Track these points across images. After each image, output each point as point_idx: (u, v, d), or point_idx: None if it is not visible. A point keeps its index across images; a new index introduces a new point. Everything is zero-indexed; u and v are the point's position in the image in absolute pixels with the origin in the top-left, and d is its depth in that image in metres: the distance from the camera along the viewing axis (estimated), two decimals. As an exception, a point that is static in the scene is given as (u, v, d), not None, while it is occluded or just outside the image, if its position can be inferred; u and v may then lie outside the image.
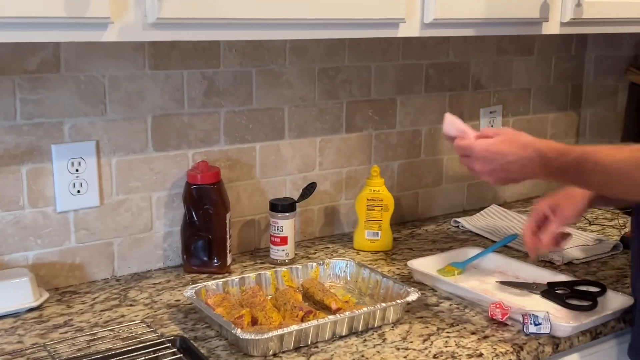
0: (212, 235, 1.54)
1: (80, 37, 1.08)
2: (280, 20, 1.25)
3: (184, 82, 1.55)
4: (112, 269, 1.53)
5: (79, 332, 1.26)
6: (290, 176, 1.74)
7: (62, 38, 1.08)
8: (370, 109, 1.84)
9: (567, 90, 2.25)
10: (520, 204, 2.19)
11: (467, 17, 1.49)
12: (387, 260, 1.66)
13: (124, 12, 1.10)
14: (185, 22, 1.16)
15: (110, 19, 1.08)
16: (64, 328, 1.27)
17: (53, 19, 1.03)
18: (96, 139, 1.46)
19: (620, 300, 1.41)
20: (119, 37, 1.11)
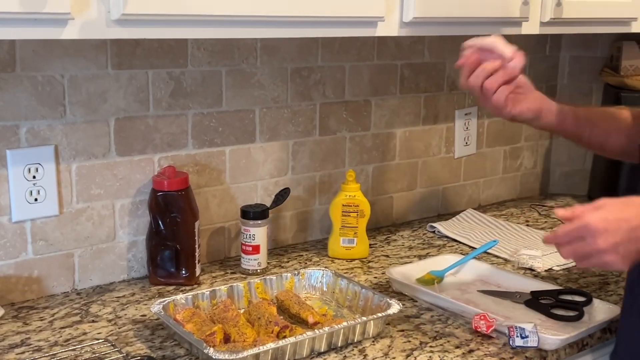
0: (180, 245, 1.49)
1: (38, 34, 1.03)
2: (251, 17, 1.21)
3: (149, 83, 1.49)
4: (72, 282, 1.46)
5: (37, 352, 1.19)
6: (262, 181, 1.70)
7: (18, 35, 1.04)
8: (345, 111, 1.82)
9: (542, 91, 2.19)
10: (495, 207, 2.20)
11: (447, 15, 1.48)
12: (363, 269, 1.64)
13: (86, 8, 1.05)
14: (152, 19, 1.11)
15: (71, 15, 1.02)
16: (20, 348, 1.21)
17: (8, 14, 0.97)
18: (55, 143, 1.39)
19: (606, 309, 1.41)
20: (80, 34, 1.05)
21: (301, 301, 1.35)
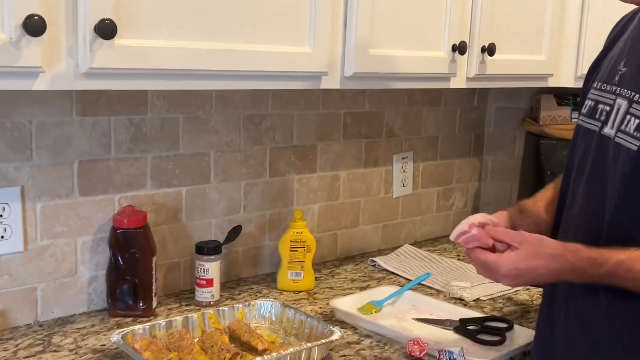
0: (138, 279, 1.49)
1: (11, 85, 1.05)
2: (207, 71, 1.24)
3: (111, 128, 1.50)
4: (35, 315, 1.45)
5: (1, 381, 1.18)
6: (216, 219, 1.71)
7: (-10, 86, 1.03)
8: (293, 155, 1.84)
9: (470, 138, 2.31)
10: (430, 243, 2.22)
11: (383, 71, 1.52)
12: (309, 300, 1.65)
13: (56, 62, 1.08)
14: (116, 72, 1.14)
15: (42, 68, 1.05)
16: (-15, 378, 1.20)
17: None
18: (21, 184, 1.40)
19: (526, 334, 1.45)
20: (50, 85, 1.08)
21: (251, 330, 1.36)
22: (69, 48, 1.07)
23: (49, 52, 1.04)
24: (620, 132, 1.13)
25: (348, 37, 1.43)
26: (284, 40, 1.32)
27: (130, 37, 1.11)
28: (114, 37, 1.08)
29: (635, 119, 1.10)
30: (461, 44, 1.62)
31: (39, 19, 0.99)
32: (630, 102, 1.12)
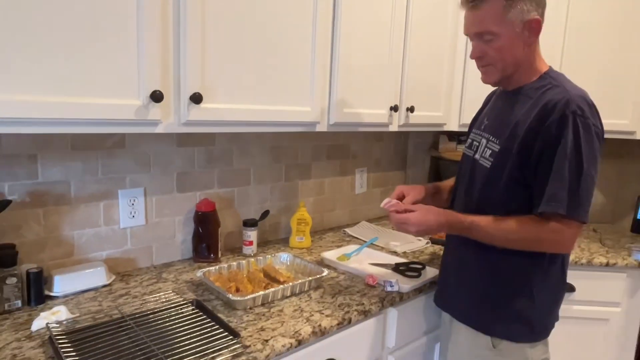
0: (210, 241, 1.53)
1: (143, 130, 1.09)
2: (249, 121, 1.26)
3: (194, 153, 1.54)
4: (151, 261, 1.49)
5: (134, 298, 1.23)
6: (254, 206, 1.74)
7: (132, 131, 1.07)
8: (298, 169, 1.87)
9: (399, 159, 2.35)
10: (376, 220, 2.22)
11: (352, 121, 1.55)
12: (308, 253, 1.68)
13: (168, 117, 1.12)
14: (202, 122, 1.17)
15: (161, 121, 1.09)
16: (125, 296, 1.25)
17: (128, 120, 1.05)
18: (144, 186, 1.44)
19: (433, 272, 1.48)
20: (164, 130, 1.12)
21: (276, 270, 1.40)
22: (175, 109, 1.12)
23: (164, 111, 1.09)
24: (481, 157, 1.18)
25: (331, 101, 1.47)
26: (295, 103, 1.36)
27: (210, 102, 1.16)
28: (201, 102, 1.13)
29: (489, 150, 1.15)
30: (395, 106, 1.67)
31: (159, 93, 1.05)
32: (488, 141, 1.17)
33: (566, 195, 1.01)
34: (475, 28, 1.09)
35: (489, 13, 1.05)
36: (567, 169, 1.01)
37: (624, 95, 1.98)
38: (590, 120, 1.02)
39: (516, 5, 1.04)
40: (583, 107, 1.02)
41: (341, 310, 1.22)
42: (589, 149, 1.01)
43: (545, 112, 1.04)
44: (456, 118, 1.96)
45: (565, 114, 1.01)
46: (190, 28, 1.10)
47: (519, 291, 1.13)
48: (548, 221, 1.04)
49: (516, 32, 1.06)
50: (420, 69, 1.77)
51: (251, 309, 1.19)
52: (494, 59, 1.09)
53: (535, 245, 1.08)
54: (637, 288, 1.85)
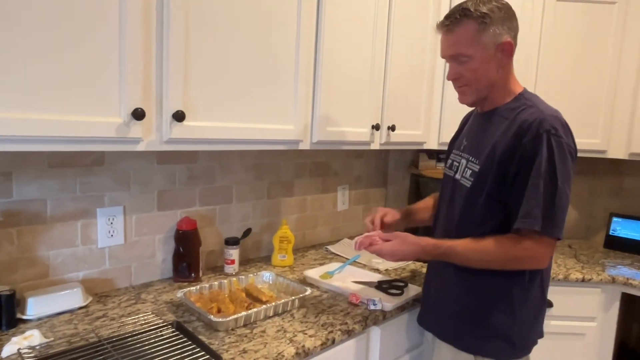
0: (191, 260, 1.49)
1: (124, 148, 1.06)
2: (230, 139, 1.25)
3: (176, 171, 1.51)
4: (130, 281, 1.45)
5: (112, 320, 1.19)
6: (236, 224, 1.71)
7: (112, 149, 1.05)
8: (281, 186, 1.85)
9: (380, 176, 2.36)
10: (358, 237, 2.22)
11: (334, 139, 1.55)
12: (291, 271, 1.66)
13: (150, 135, 1.10)
14: (184, 140, 1.15)
15: (142, 139, 1.07)
16: (102, 318, 1.20)
17: (108, 138, 1.02)
18: (123, 204, 1.40)
19: (415, 289, 1.48)
20: (146, 148, 1.10)
21: (258, 289, 1.37)
22: (157, 127, 1.10)
23: (145, 129, 1.07)
24: (462, 177, 1.19)
25: (314, 120, 1.46)
26: (278, 121, 1.35)
27: (193, 120, 1.14)
28: (184, 120, 1.11)
29: (469, 170, 1.16)
30: (377, 124, 1.68)
31: (141, 110, 1.03)
32: (467, 161, 1.18)
33: (540, 212, 1.02)
34: (450, 51, 1.12)
35: (462, 36, 1.09)
36: (542, 187, 1.02)
37: (595, 115, 2.05)
38: (564, 139, 1.04)
39: (488, 29, 1.08)
40: (556, 126, 1.04)
41: (325, 330, 1.19)
42: (563, 167, 1.03)
43: (520, 132, 1.06)
44: (435, 136, 1.98)
45: (540, 133, 1.03)
46: (173, 46, 1.09)
47: (501, 309, 1.14)
48: (523, 239, 1.05)
49: (489, 54, 1.10)
50: (401, 88, 1.79)
51: (233, 330, 1.16)
52: (469, 80, 1.12)
53: (511, 264, 1.09)
54: (611, 303, 1.88)
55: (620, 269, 1.96)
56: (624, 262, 2.06)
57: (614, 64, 2.02)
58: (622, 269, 1.95)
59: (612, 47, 2.01)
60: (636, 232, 2.24)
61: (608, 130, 2.05)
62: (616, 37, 2.01)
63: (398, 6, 1.71)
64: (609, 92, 2.04)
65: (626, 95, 2.02)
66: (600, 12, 2.01)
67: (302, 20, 1.37)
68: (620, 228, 2.28)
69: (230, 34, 1.21)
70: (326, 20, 1.45)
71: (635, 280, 1.81)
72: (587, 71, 2.03)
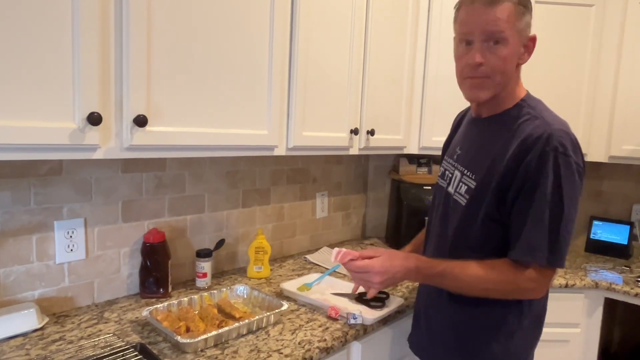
0: (159, 275, 1.40)
1: (79, 156, 0.98)
2: (204, 146, 1.18)
3: (142, 179, 1.43)
4: (92, 298, 1.35)
5: (69, 344, 1.09)
6: (208, 235, 1.63)
7: (66, 157, 0.95)
8: (256, 194, 1.78)
9: (360, 182, 2.32)
10: (338, 245, 2.16)
11: (311, 145, 1.48)
12: (267, 283, 1.58)
13: (108, 141, 1.02)
14: (147, 147, 1.07)
15: (99, 145, 0.99)
16: (58, 342, 1.10)
17: (60, 145, 0.93)
18: (84, 216, 1.30)
19: (397, 301, 1.43)
20: (104, 156, 1.01)
21: (232, 305, 1.29)
22: (117, 132, 1.01)
23: (103, 135, 0.99)
24: (456, 192, 1.10)
25: (290, 124, 1.40)
26: (251, 127, 1.28)
27: (157, 125, 1.07)
28: (146, 125, 1.03)
29: (464, 185, 1.07)
30: (356, 129, 1.62)
31: (97, 115, 0.94)
32: (462, 174, 1.09)
33: (547, 244, 0.94)
34: (491, 26, 0.95)
35: (504, 14, 0.95)
36: (547, 214, 0.93)
37: (575, 118, 2.03)
38: (572, 158, 0.93)
39: (525, 16, 0.98)
40: (565, 144, 0.93)
41: (301, 348, 1.12)
42: (570, 190, 0.93)
43: (524, 148, 0.95)
44: (416, 141, 1.94)
45: (546, 151, 0.93)
46: (134, 42, 1.01)
47: (495, 339, 1.06)
48: (526, 269, 0.98)
49: (520, 44, 0.99)
50: (380, 91, 1.74)
51: (202, 352, 1.08)
52: (495, 68, 0.98)
53: (512, 294, 1.01)
54: (594, 308, 1.86)
55: (602, 273, 1.93)
56: (606, 266, 2.04)
57: (592, 66, 2.01)
58: (605, 273, 1.93)
59: (591, 50, 2.01)
60: (616, 235, 2.23)
61: (588, 133, 2.04)
62: (594, 39, 2.00)
63: (376, 6, 1.66)
64: (588, 96, 2.03)
65: (605, 98, 2.01)
66: (578, 15, 2.00)
67: (275, 18, 1.30)
68: (601, 231, 2.27)
69: (198, 31, 1.13)
70: (301, 19, 1.38)
71: (618, 285, 1.79)
72: (566, 73, 2.02)
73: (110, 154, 1.01)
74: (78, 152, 0.96)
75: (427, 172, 2.21)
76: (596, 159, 2.05)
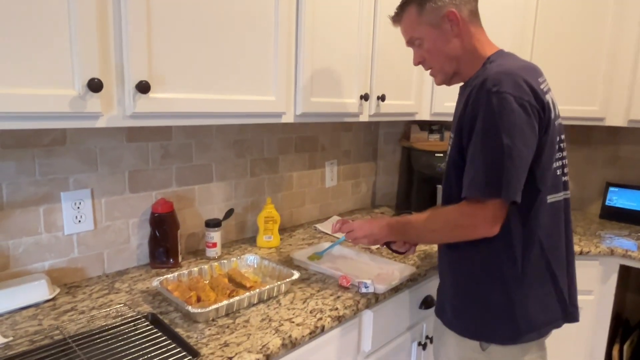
0: (168, 245, 1.40)
1: (81, 124, 0.94)
2: (209, 113, 1.15)
3: (148, 149, 1.40)
4: (103, 269, 1.34)
5: (81, 314, 1.09)
6: (217, 205, 1.61)
7: (67, 125, 0.92)
8: (264, 163, 1.75)
9: (369, 150, 2.29)
10: (348, 214, 2.16)
11: (320, 111, 1.44)
12: (277, 253, 1.57)
13: (111, 109, 0.98)
14: (151, 115, 1.04)
15: (101, 113, 0.95)
16: (70, 312, 1.10)
17: (61, 113, 0.90)
18: (91, 187, 1.28)
19: (409, 269, 1.41)
20: (107, 124, 0.98)
21: (242, 274, 1.29)
22: (119, 100, 0.98)
23: (105, 102, 0.96)
24: (448, 155, 1.11)
25: (298, 90, 1.36)
26: (258, 92, 1.24)
27: (159, 92, 1.03)
28: (149, 92, 1.00)
29: (450, 148, 1.09)
30: (366, 94, 1.58)
31: (98, 81, 0.91)
32: (450, 138, 1.11)
33: (482, 177, 0.95)
34: (405, 37, 1.16)
35: (408, 21, 1.13)
36: (483, 149, 0.95)
37: (594, 82, 1.96)
38: (508, 93, 0.94)
39: (425, 7, 1.09)
40: (499, 82, 0.95)
41: (313, 317, 1.11)
42: (508, 122, 0.93)
43: (467, 100, 1.00)
44: (427, 107, 1.89)
45: (479, 95, 0.96)
46: (132, 5, 0.96)
47: (494, 288, 1.05)
48: (463, 205, 1.00)
49: (437, 30, 1.09)
50: (391, 55, 1.68)
51: (214, 321, 1.07)
52: (431, 61, 1.13)
53: (456, 233, 1.04)
54: (609, 275, 1.83)
55: (617, 240, 1.90)
56: (622, 233, 2.01)
57: (614, 28, 1.92)
58: (620, 240, 1.90)
59: (613, 12, 1.90)
60: (633, 201, 2.18)
61: (607, 97, 1.97)
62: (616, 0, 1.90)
63: (386, -36, 1.58)
64: (608, 58, 1.94)
65: (627, 60, 1.92)
66: (600, -30, 1.89)
67: (280, -22, 1.23)
68: (617, 198, 2.22)
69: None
70: (308, -21, 1.31)
71: (634, 252, 1.76)
72: (586, 36, 1.93)
73: (113, 122, 0.98)
74: (80, 121, 0.93)
75: (439, 139, 2.16)
76: (615, 123, 1.98)
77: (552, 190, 1.05)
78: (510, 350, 1.06)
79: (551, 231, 1.06)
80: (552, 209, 1.06)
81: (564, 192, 1.10)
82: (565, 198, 1.11)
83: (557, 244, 1.08)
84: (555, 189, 1.06)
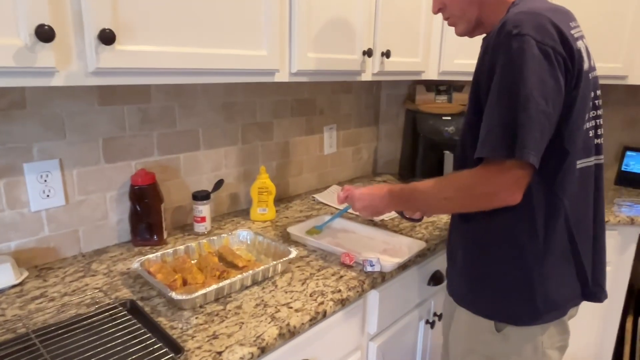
0: (151, 220, 1.27)
1: (32, 82, 0.79)
2: (189, 69, 0.99)
3: (124, 113, 1.25)
4: (79, 248, 1.22)
5: (51, 301, 0.97)
6: (206, 175, 1.48)
7: (15, 84, 0.77)
8: (257, 129, 1.61)
9: (371, 114, 2.14)
10: (348, 182, 2.04)
11: (318, 69, 1.28)
12: (272, 227, 1.45)
13: (69, 64, 0.82)
14: (118, 71, 0.88)
15: (57, 69, 0.80)
16: (39, 300, 0.98)
17: (5, 68, 0.74)
18: (59, 157, 1.14)
19: (417, 244, 1.30)
20: (65, 82, 0.82)
21: (234, 252, 1.17)
22: (78, 52, 0.82)
23: (61, 55, 0.80)
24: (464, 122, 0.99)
25: (292, 43, 1.20)
26: (247, 46, 1.08)
27: (127, 43, 0.87)
28: (114, 43, 0.84)
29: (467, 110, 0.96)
30: (369, 50, 1.42)
31: (49, 28, 0.75)
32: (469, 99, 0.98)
33: (495, 133, 0.81)
34: None
35: None
36: (497, 101, 0.81)
37: (618, 37, 1.79)
38: (530, 35, 0.80)
39: None
40: (520, 22, 0.81)
41: (314, 300, 1.00)
42: (526, 70, 0.79)
43: (487, 48, 0.86)
44: (436, 64, 1.73)
45: (498, 40, 0.82)
46: None
47: (511, 263, 0.94)
48: (479, 169, 0.87)
49: None
50: (396, 6, 1.51)
51: (202, 307, 0.95)
52: (452, 6, 1.02)
53: (474, 202, 0.90)
54: (627, 245, 1.73)
55: (636, 207, 1.79)
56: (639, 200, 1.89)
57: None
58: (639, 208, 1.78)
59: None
60: (652, 166, 2.06)
61: (632, 53, 1.80)
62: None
63: None
64: (636, 10, 1.76)
65: (656, 9, 1.75)
66: None
67: None
68: (634, 163, 2.09)
69: None
70: None
71: (656, 221, 1.65)
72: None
73: (74, 80, 0.83)
74: (31, 78, 0.78)
75: (447, 101, 2.01)
76: (638, 82, 1.82)
77: (582, 154, 0.93)
78: (529, 331, 0.96)
79: (578, 201, 0.94)
80: (582, 175, 0.94)
81: (596, 156, 0.97)
82: (597, 164, 0.98)
83: (584, 216, 0.97)
84: (586, 152, 0.94)
